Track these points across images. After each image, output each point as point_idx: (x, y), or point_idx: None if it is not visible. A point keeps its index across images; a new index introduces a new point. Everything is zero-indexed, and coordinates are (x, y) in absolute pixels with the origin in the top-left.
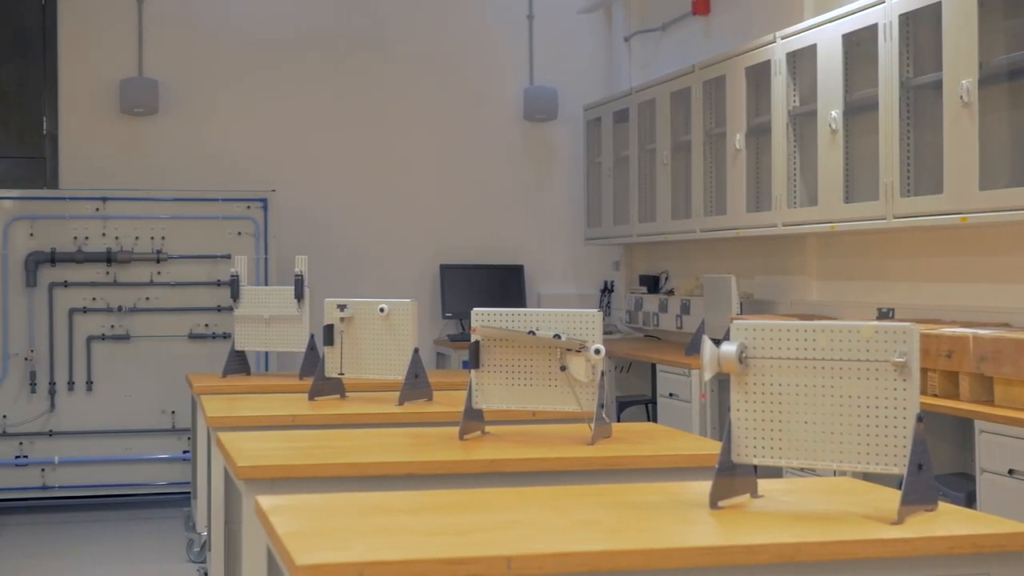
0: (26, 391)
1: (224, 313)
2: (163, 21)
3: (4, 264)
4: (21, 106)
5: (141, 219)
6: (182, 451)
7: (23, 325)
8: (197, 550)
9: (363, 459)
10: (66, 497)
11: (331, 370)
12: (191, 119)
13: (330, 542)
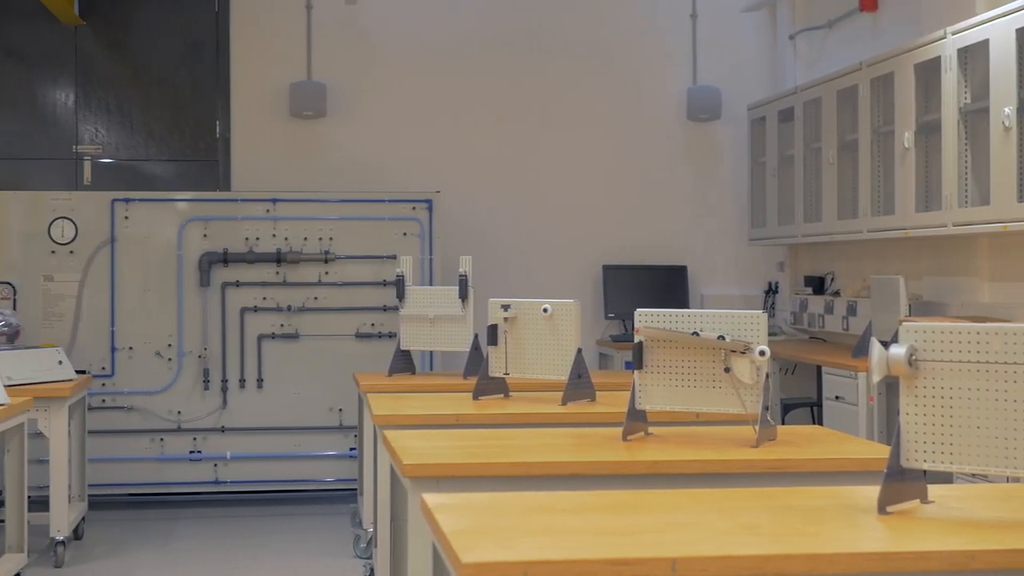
0: (200, 388)
1: (390, 312)
2: (331, 26)
3: (179, 264)
4: (195, 111)
5: (309, 220)
6: (349, 448)
7: (197, 324)
8: (363, 546)
9: (527, 458)
10: (237, 491)
11: (495, 370)
12: (358, 122)
13: (495, 540)
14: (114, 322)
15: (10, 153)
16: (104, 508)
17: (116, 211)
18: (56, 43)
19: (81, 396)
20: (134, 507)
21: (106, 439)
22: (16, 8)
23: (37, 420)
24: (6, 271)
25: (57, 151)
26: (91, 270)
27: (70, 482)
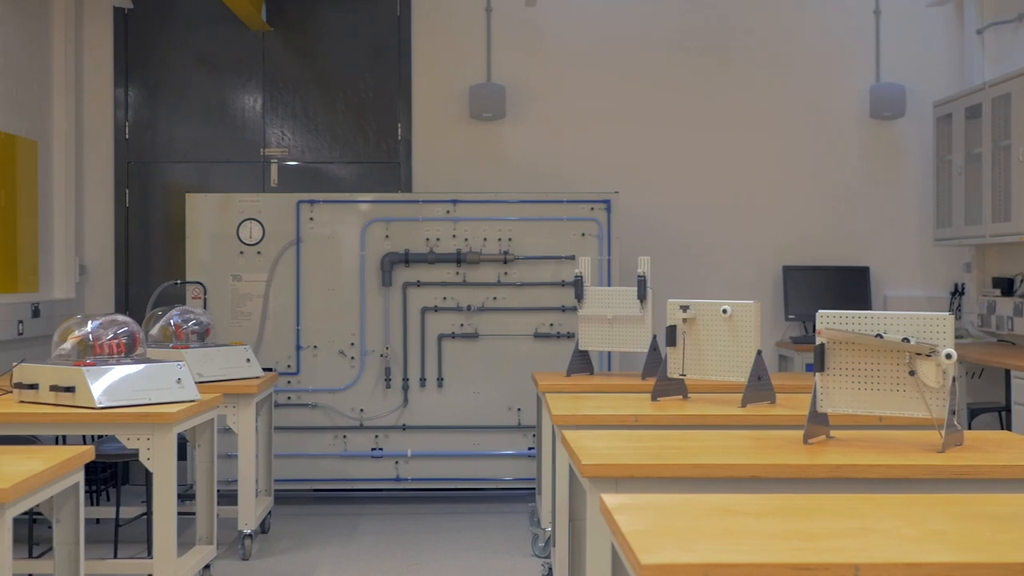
0: (381, 386)
1: (568, 313)
2: (510, 28)
3: (362, 265)
4: (378, 114)
5: (489, 221)
6: (527, 447)
7: (379, 323)
8: (542, 545)
9: (706, 460)
10: (418, 489)
11: (673, 371)
12: (537, 123)
13: (675, 542)
14: (299, 321)
15: (201, 157)
16: (289, 503)
17: (301, 212)
18: (245, 49)
19: (268, 393)
20: (318, 502)
21: (291, 435)
22: (207, 16)
23: (226, 416)
24: (197, 271)
25: (245, 154)
26: (277, 270)
27: (257, 477)
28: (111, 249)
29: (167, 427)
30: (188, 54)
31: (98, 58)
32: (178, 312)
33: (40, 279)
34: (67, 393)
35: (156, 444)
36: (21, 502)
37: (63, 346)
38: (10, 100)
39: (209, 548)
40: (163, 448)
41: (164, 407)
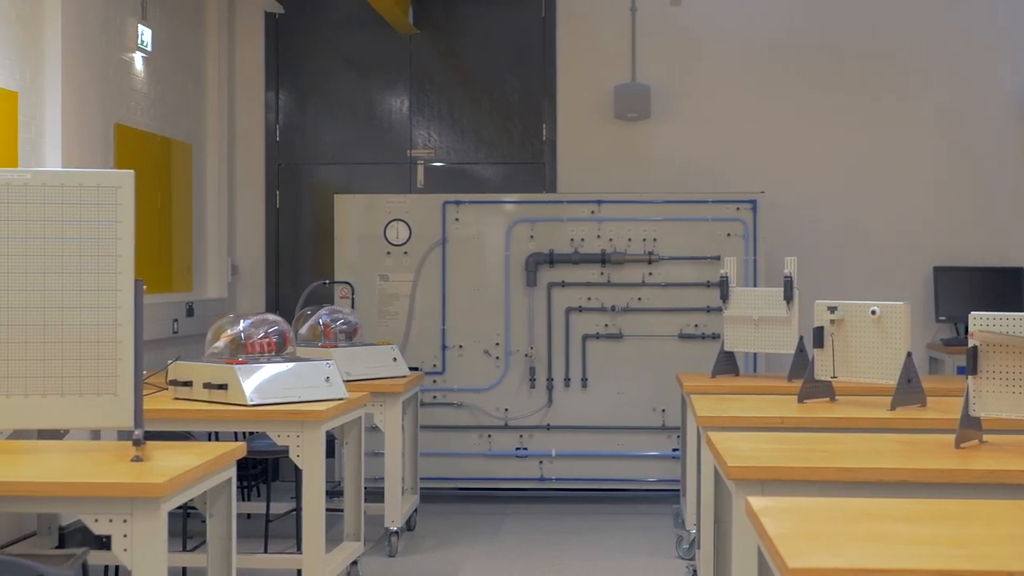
0: (526, 386)
1: (713, 314)
2: (655, 27)
3: (507, 265)
4: (523, 114)
5: (633, 221)
6: (671, 449)
7: (524, 323)
8: (686, 547)
9: (854, 464)
10: (562, 489)
11: (821, 372)
12: (682, 122)
13: (822, 546)
14: (445, 320)
15: (349, 158)
16: (435, 501)
17: (447, 213)
18: (392, 52)
19: (414, 392)
20: (463, 501)
21: (437, 434)
22: (355, 20)
23: (373, 414)
24: (345, 271)
25: (392, 156)
26: (423, 270)
27: (403, 475)
28: (262, 249)
29: (316, 425)
30: (337, 57)
31: (250, 62)
32: (327, 311)
33: (194, 279)
34: (220, 390)
35: (305, 441)
36: (176, 496)
37: (216, 344)
38: (166, 104)
39: (356, 545)
40: (312, 445)
41: (313, 405)
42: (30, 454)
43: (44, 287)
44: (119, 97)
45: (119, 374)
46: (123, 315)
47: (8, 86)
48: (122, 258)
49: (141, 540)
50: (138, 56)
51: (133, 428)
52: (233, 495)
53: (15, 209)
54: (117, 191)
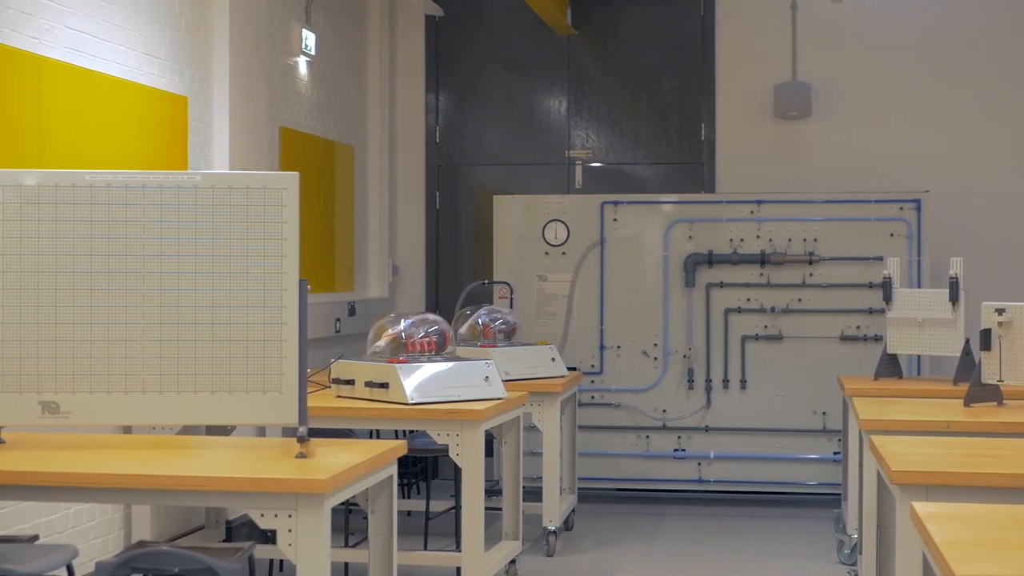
0: (684, 387)
1: (875, 315)
2: (816, 25)
3: (665, 265)
4: (681, 114)
5: (794, 221)
6: (832, 452)
7: (682, 324)
8: (848, 552)
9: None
10: (720, 491)
11: (988, 376)
12: (843, 121)
13: (990, 554)
14: (603, 321)
15: (508, 159)
16: (592, 501)
17: (605, 213)
18: (550, 53)
19: (572, 392)
20: (621, 501)
21: (595, 434)
22: (514, 21)
23: (532, 414)
24: (504, 271)
25: (550, 156)
26: (582, 270)
27: (561, 475)
28: (422, 250)
29: (475, 424)
30: (495, 59)
31: (410, 65)
32: (486, 311)
33: (356, 279)
34: (381, 389)
35: (465, 440)
36: (339, 493)
37: (377, 343)
38: (329, 107)
39: (515, 543)
40: (471, 444)
41: (473, 404)
42: (199, 449)
43: (212, 287)
44: (284, 100)
45: (284, 372)
46: (288, 314)
47: (179, 91)
48: (287, 258)
49: (305, 535)
50: (302, 60)
51: (297, 425)
52: (394, 492)
53: (185, 211)
54: (282, 193)
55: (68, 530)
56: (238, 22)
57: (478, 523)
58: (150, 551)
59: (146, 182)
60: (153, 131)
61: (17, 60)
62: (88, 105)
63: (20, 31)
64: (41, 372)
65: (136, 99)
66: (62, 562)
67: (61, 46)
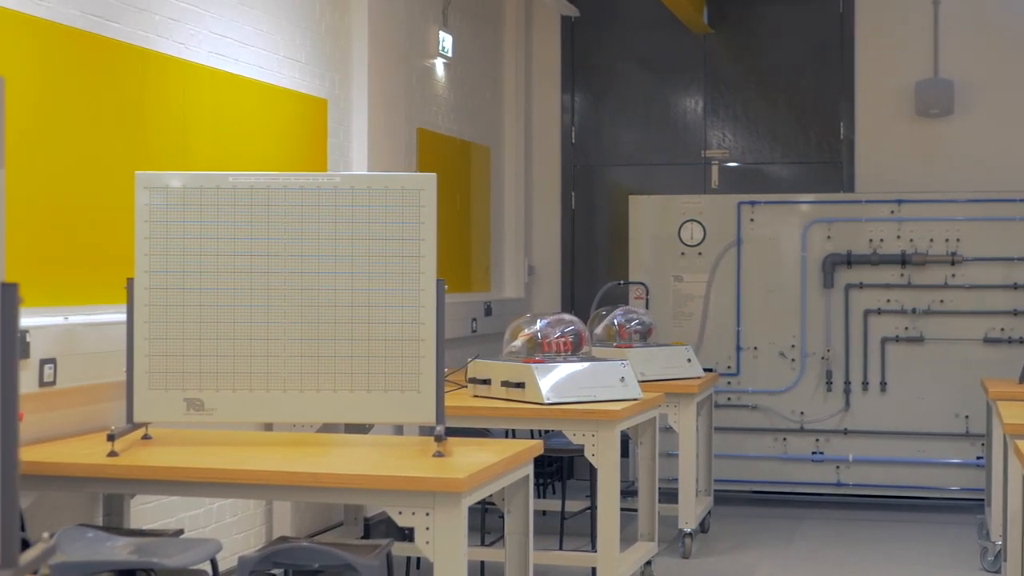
0: (822, 389)
1: (1020, 317)
2: (959, 21)
3: (803, 266)
4: (819, 113)
5: (935, 221)
6: (975, 457)
7: (820, 325)
8: (991, 559)
9: None
10: (859, 495)
11: None
12: (987, 118)
13: None
14: (739, 322)
15: (643, 159)
16: (728, 503)
17: (742, 214)
18: (686, 52)
19: (708, 393)
20: (757, 504)
21: (731, 436)
22: (649, 21)
23: (667, 415)
24: (639, 271)
25: (686, 156)
26: (718, 271)
27: (697, 476)
28: (557, 250)
29: (611, 424)
30: (631, 59)
31: (546, 65)
32: (622, 312)
33: (492, 279)
34: (517, 389)
35: (600, 440)
36: (476, 492)
37: (513, 343)
38: (465, 108)
39: (650, 545)
40: (607, 445)
41: (608, 405)
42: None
43: (351, 287)
44: (421, 102)
45: (422, 371)
46: (426, 314)
47: (319, 94)
48: (425, 259)
49: (442, 533)
50: (439, 62)
51: (435, 424)
52: (530, 492)
53: (325, 211)
54: (420, 194)
55: (211, 525)
56: (377, 25)
57: (614, 524)
58: (291, 547)
59: (287, 183)
60: (294, 133)
61: (163, 65)
62: (231, 108)
63: (166, 36)
64: (186, 370)
65: (277, 102)
66: (206, 556)
67: (205, 50)
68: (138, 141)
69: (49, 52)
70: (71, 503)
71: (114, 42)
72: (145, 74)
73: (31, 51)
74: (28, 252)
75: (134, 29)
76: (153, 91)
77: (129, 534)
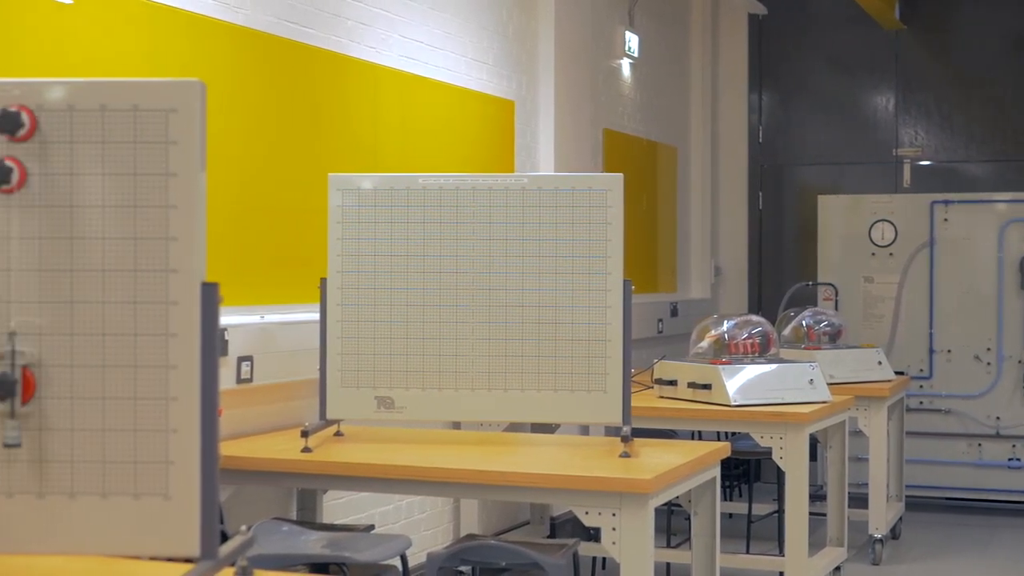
0: (1019, 394)
1: None
2: None
3: (999, 266)
4: (1018, 109)
5: None
6: None
7: (1018, 327)
8: None
9: None
10: None
11: None
12: None
13: None
14: (932, 324)
15: (831, 158)
16: (921, 510)
17: (935, 213)
18: (876, 49)
19: (899, 397)
20: (951, 511)
21: (923, 441)
22: (839, 18)
23: (857, 419)
24: (828, 272)
25: (876, 155)
26: (910, 272)
27: (888, 481)
28: (744, 250)
29: (800, 427)
30: (819, 56)
31: (732, 64)
32: (810, 313)
33: (678, 279)
34: (703, 390)
35: (788, 443)
36: (662, 493)
37: (700, 344)
38: (651, 109)
39: (839, 550)
40: (795, 448)
41: (796, 407)
42: (525, 446)
43: (539, 286)
44: (607, 103)
45: (608, 372)
46: (612, 314)
47: (506, 96)
48: (611, 259)
49: (629, 534)
50: (625, 62)
51: (621, 424)
52: (717, 494)
53: (512, 212)
54: (607, 194)
55: (401, 521)
56: (563, 27)
57: (802, 528)
58: (480, 544)
59: (476, 184)
60: (481, 135)
61: (355, 69)
62: (420, 110)
63: (358, 41)
64: (377, 368)
65: (465, 104)
66: (396, 552)
67: (395, 54)
68: (330, 144)
69: (246, 58)
70: (266, 497)
71: (308, 47)
72: (337, 78)
73: (229, 57)
74: (226, 252)
75: (327, 34)
76: (345, 94)
77: (322, 528)
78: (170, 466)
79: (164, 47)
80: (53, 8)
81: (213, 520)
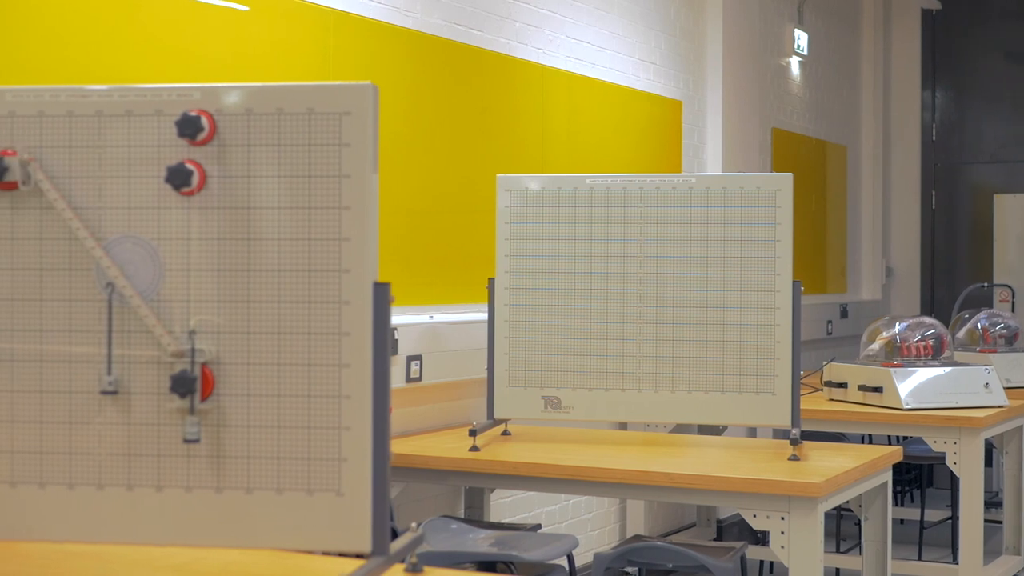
0: None
1: None
2: None
3: None
4: None
5: None
6: None
7: None
8: None
9: None
10: None
11: None
12: None
13: None
14: None
15: (1009, 156)
16: None
17: None
18: None
19: None
20: None
21: None
22: (1017, 10)
23: None
24: (1005, 273)
25: None
26: None
27: None
28: (917, 251)
29: (975, 432)
30: (996, 51)
31: (905, 61)
32: (985, 315)
33: (848, 280)
34: (874, 393)
35: (963, 449)
36: (832, 497)
37: (871, 346)
38: (820, 107)
39: (1016, 559)
40: (970, 453)
41: (971, 411)
42: (692, 448)
43: (707, 287)
44: (775, 102)
45: (777, 373)
46: (781, 316)
47: (673, 95)
48: (780, 260)
49: (798, 538)
50: (794, 60)
51: (790, 427)
52: (888, 499)
53: (680, 212)
54: (776, 194)
55: (567, 521)
56: (731, 25)
57: (977, 535)
58: (647, 545)
59: (643, 185)
60: (649, 135)
61: (523, 70)
62: (587, 111)
63: (526, 43)
64: (544, 368)
65: (632, 104)
66: (563, 551)
67: (563, 55)
68: (498, 145)
69: (416, 61)
70: (434, 494)
71: (477, 49)
72: (505, 79)
73: (400, 60)
74: (396, 252)
75: (495, 36)
76: (513, 96)
77: (489, 527)
78: (343, 463)
79: (337, 52)
80: (230, 15)
81: (384, 517)
